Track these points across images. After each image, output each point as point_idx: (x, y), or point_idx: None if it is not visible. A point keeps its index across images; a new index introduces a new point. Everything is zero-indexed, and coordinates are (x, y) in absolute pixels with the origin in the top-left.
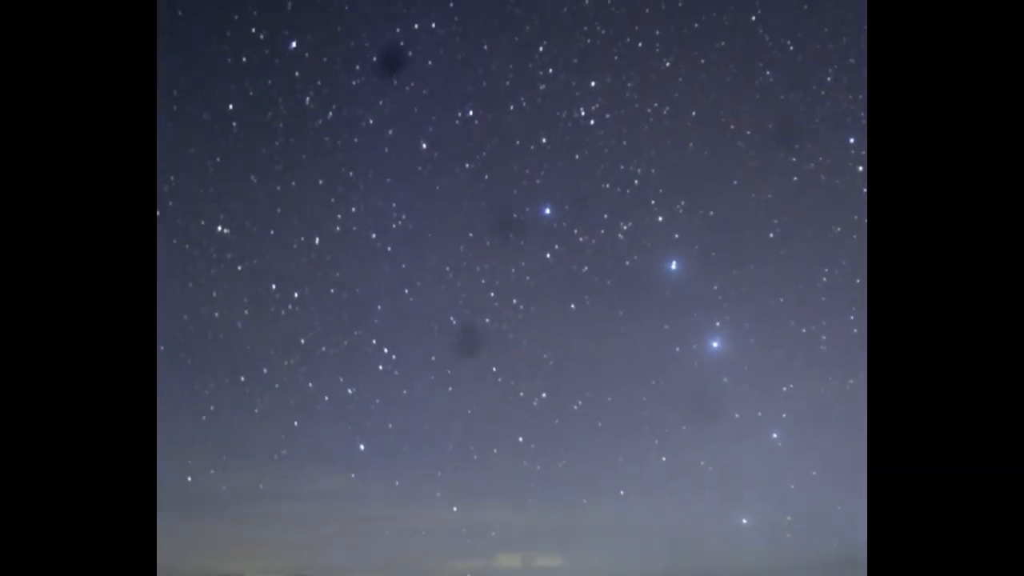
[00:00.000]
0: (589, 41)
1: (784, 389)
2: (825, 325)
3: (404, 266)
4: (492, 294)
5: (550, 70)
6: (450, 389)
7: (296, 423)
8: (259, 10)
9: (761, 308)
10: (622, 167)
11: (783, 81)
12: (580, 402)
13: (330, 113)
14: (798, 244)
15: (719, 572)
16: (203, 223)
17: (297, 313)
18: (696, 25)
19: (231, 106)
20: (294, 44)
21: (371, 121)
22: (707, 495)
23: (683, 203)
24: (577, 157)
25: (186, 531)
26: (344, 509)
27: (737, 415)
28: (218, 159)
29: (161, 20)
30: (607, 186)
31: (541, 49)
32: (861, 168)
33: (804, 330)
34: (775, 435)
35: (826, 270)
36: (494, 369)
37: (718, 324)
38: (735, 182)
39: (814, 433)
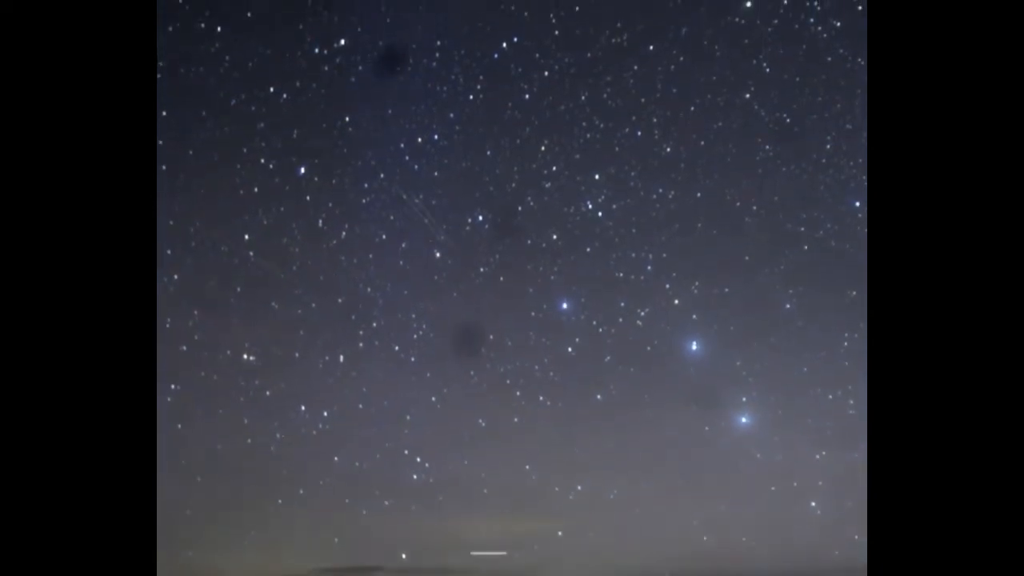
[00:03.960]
0: (589, 135)
1: (817, 457)
2: (851, 389)
3: (428, 375)
4: (518, 393)
5: (553, 168)
6: (485, 491)
7: (336, 540)
8: (266, 140)
9: (786, 379)
10: (634, 255)
11: (783, 154)
12: (615, 491)
13: (343, 232)
14: (816, 312)
15: None
16: (228, 352)
17: (328, 432)
18: (692, 108)
19: (247, 236)
20: (303, 169)
21: (384, 236)
22: (753, 571)
23: (697, 284)
24: (589, 250)
25: None
26: None
27: (773, 488)
28: (238, 289)
29: (172, 157)
30: (621, 275)
31: (543, 148)
32: None
33: (831, 396)
34: (813, 503)
35: (846, 335)
36: (527, 467)
37: (744, 400)
38: (747, 257)
39: (853, 498)
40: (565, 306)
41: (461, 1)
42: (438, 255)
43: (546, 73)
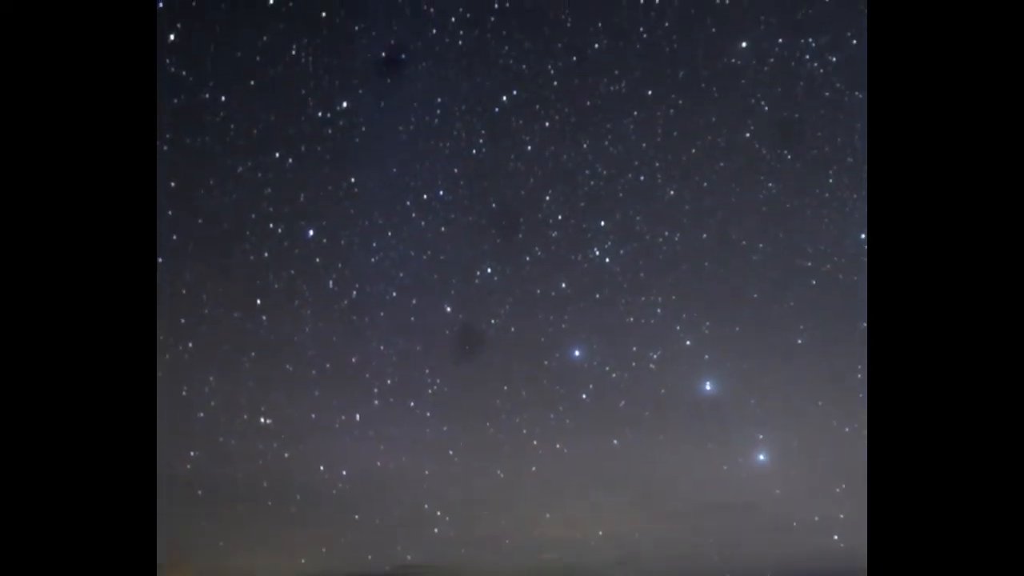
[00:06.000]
0: (592, 183)
1: (837, 490)
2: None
3: (445, 428)
4: (535, 442)
5: (559, 216)
6: (507, 542)
7: None
8: (273, 205)
9: (801, 414)
10: (643, 299)
11: (786, 190)
12: (638, 534)
13: (354, 292)
14: (828, 345)
15: None
16: (245, 417)
17: (347, 490)
18: (693, 151)
19: (259, 301)
20: (311, 232)
21: (394, 294)
22: None
23: (708, 324)
24: (598, 296)
25: None
26: None
27: (795, 523)
28: (253, 354)
29: (182, 227)
30: (631, 320)
31: (548, 198)
32: None
33: (847, 429)
34: (836, 536)
35: (859, 366)
36: (548, 515)
37: (761, 436)
38: (755, 295)
39: None
40: (577, 353)
41: (460, 57)
42: (448, 309)
43: (547, 124)
